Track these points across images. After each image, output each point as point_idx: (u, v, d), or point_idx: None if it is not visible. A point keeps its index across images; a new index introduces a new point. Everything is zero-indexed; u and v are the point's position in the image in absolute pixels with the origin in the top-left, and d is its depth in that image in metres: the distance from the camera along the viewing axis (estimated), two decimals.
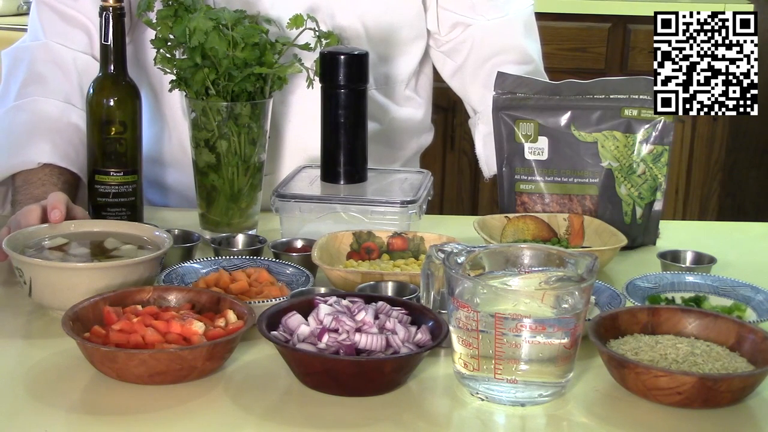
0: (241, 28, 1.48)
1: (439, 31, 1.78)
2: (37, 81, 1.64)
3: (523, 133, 1.57)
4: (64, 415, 1.04)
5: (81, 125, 1.57)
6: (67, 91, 1.63)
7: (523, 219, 1.52)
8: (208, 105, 1.47)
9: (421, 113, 1.86)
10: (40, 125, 1.59)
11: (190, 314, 1.14)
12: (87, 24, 1.66)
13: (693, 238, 1.62)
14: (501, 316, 1.04)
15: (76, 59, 1.65)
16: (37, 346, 1.18)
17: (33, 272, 1.22)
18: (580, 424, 1.05)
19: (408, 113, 1.82)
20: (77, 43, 1.67)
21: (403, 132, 1.83)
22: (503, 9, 1.78)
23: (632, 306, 1.21)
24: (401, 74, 1.79)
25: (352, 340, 1.09)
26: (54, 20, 1.68)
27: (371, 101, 1.71)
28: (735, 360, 1.10)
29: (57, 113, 1.60)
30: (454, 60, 1.80)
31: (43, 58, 1.65)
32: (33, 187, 1.52)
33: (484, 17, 1.77)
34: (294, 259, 1.37)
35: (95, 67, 1.54)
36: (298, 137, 1.72)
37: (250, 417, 1.03)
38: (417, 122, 1.85)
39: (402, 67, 1.79)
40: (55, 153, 1.55)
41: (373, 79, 1.74)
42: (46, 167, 1.55)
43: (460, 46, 1.78)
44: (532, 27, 1.82)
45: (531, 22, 1.82)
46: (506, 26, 1.78)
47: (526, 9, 1.81)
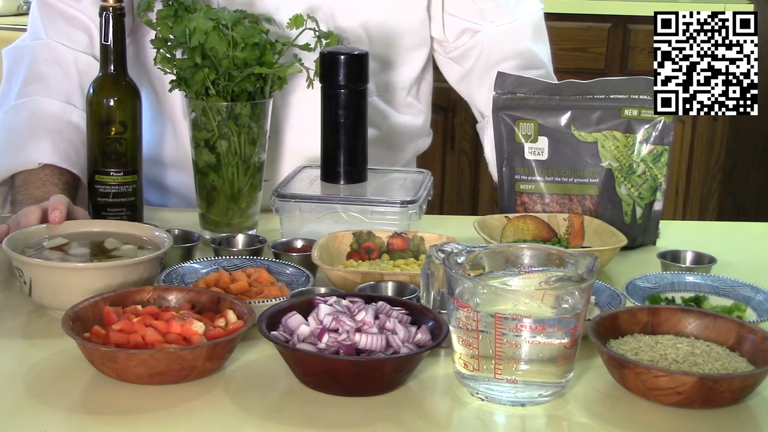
0: (241, 28, 1.48)
1: (446, 37, 1.77)
2: (38, 80, 1.64)
3: (523, 133, 1.57)
4: (64, 415, 1.04)
5: (81, 125, 1.57)
6: (68, 90, 1.63)
7: (523, 219, 1.52)
8: (208, 105, 1.47)
9: (421, 120, 1.85)
10: (40, 125, 1.59)
11: (190, 314, 1.14)
12: (88, 24, 1.66)
13: (693, 238, 1.62)
14: (501, 316, 1.04)
15: (77, 59, 1.65)
16: (37, 346, 1.18)
17: (32, 272, 1.22)
18: (580, 424, 1.05)
19: (408, 120, 1.82)
20: (78, 43, 1.67)
21: (402, 137, 1.83)
22: (512, 14, 1.76)
23: (632, 306, 1.21)
24: (402, 81, 1.78)
25: (352, 340, 1.09)
26: (55, 20, 1.68)
27: (371, 108, 1.70)
28: (735, 360, 1.10)
29: (58, 113, 1.60)
30: (462, 66, 1.78)
31: (44, 57, 1.65)
32: (33, 187, 1.52)
33: (493, 23, 1.75)
34: (294, 259, 1.37)
35: (96, 67, 1.53)
36: (298, 137, 1.71)
37: (250, 417, 1.03)
38: (417, 128, 1.85)
39: (403, 75, 1.78)
40: (55, 153, 1.55)
41: (374, 86, 1.73)
42: (47, 167, 1.55)
43: (469, 52, 1.77)
44: (541, 31, 1.80)
45: (540, 27, 1.80)
46: (515, 31, 1.76)
47: (535, 14, 1.79)
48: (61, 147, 1.57)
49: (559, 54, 3.35)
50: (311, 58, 1.56)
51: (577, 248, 1.47)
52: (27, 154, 1.55)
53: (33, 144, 1.56)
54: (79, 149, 1.57)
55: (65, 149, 1.57)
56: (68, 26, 1.67)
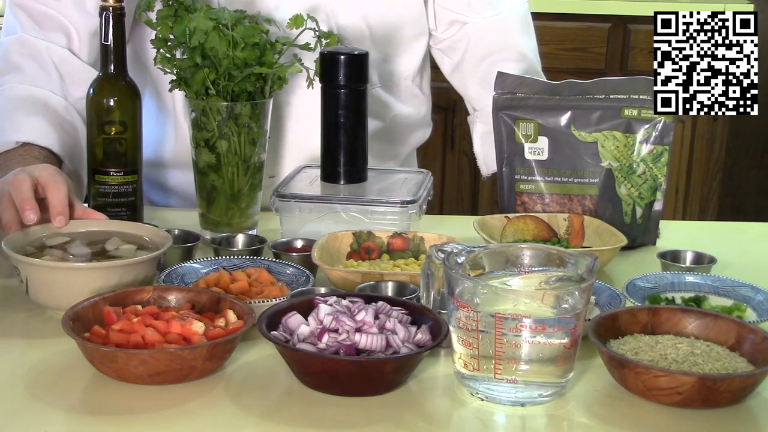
0: (241, 28, 1.48)
1: (436, 28, 1.80)
2: (13, 71, 1.62)
3: (523, 133, 1.57)
4: (64, 415, 1.04)
5: (60, 110, 1.56)
6: (44, 80, 1.61)
7: (523, 219, 1.52)
8: (208, 105, 1.47)
9: (424, 110, 1.87)
10: (17, 108, 1.56)
11: (190, 314, 1.14)
12: (65, 24, 1.65)
13: (693, 238, 1.62)
14: (501, 316, 1.04)
15: (50, 50, 1.63)
16: (36, 346, 1.18)
17: (28, 271, 1.23)
18: (580, 424, 1.05)
19: (410, 110, 1.83)
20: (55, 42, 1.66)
21: (404, 128, 1.84)
22: (498, 7, 1.79)
23: (632, 306, 1.21)
24: (404, 71, 1.80)
25: (352, 340, 1.09)
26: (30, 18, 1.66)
27: (374, 99, 1.71)
28: (735, 360, 1.10)
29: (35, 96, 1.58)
30: (452, 58, 1.81)
31: (18, 51, 1.64)
32: (13, 163, 1.48)
33: (479, 15, 1.78)
34: (294, 259, 1.37)
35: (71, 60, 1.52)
36: (298, 137, 1.72)
37: (250, 417, 1.03)
38: (419, 118, 1.86)
39: (405, 65, 1.79)
40: (33, 132, 1.52)
41: (377, 77, 1.75)
42: (25, 146, 1.52)
43: (457, 44, 1.80)
44: (527, 25, 1.83)
45: (526, 20, 1.83)
46: (501, 24, 1.79)
47: (521, 6, 1.82)
48: (39, 127, 1.54)
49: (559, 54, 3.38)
50: (311, 58, 1.56)
51: (577, 248, 1.47)
52: (3, 135, 1.52)
53: (10, 125, 1.53)
54: (59, 131, 1.54)
55: (44, 129, 1.54)
56: (44, 25, 1.65)
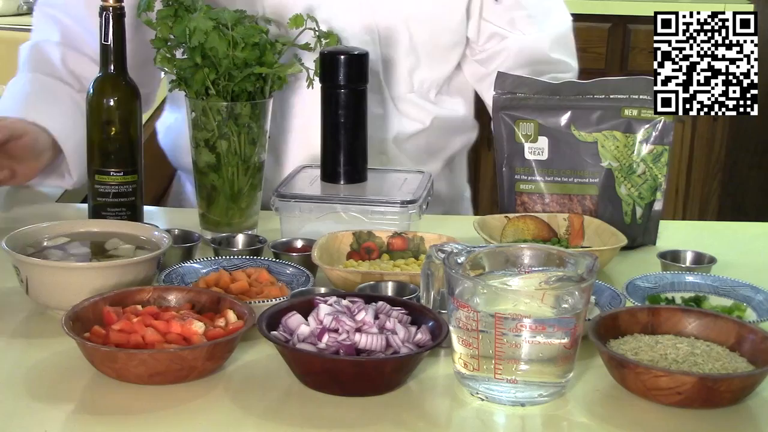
0: (241, 28, 1.48)
1: (477, 40, 1.81)
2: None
3: (523, 133, 1.57)
4: (64, 415, 1.04)
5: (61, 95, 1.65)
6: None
7: (523, 219, 1.52)
8: (208, 105, 1.47)
9: (463, 111, 1.87)
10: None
11: (190, 314, 1.14)
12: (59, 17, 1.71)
13: (693, 238, 1.62)
14: (501, 316, 1.04)
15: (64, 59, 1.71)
16: (36, 346, 1.18)
17: (28, 271, 1.23)
18: (580, 424, 1.05)
19: (446, 112, 1.84)
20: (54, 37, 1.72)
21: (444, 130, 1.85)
22: (541, 25, 1.80)
23: (632, 306, 1.21)
24: (439, 78, 1.81)
25: (352, 340, 1.09)
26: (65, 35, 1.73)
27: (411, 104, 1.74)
28: (735, 360, 1.10)
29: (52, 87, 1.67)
30: (486, 68, 1.82)
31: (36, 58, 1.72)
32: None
33: (521, 32, 1.79)
34: (294, 259, 1.37)
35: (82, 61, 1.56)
36: (298, 137, 1.72)
37: (250, 417, 1.03)
38: (459, 120, 1.87)
39: (440, 71, 1.81)
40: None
41: (412, 84, 1.77)
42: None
43: (495, 56, 1.81)
44: (567, 44, 1.84)
45: (567, 39, 1.84)
46: (541, 41, 1.80)
47: (564, 25, 1.83)
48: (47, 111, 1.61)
49: None
50: (311, 58, 1.56)
51: (577, 248, 1.47)
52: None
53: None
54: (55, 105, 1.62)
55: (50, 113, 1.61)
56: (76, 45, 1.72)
